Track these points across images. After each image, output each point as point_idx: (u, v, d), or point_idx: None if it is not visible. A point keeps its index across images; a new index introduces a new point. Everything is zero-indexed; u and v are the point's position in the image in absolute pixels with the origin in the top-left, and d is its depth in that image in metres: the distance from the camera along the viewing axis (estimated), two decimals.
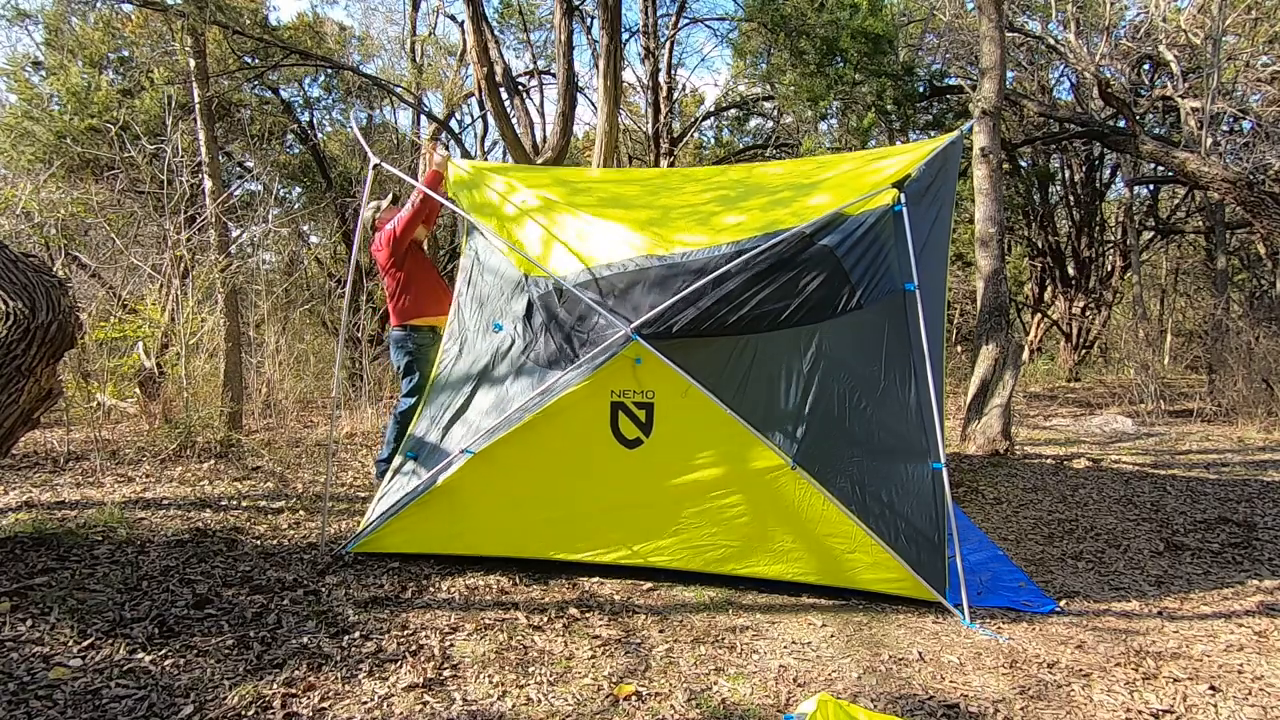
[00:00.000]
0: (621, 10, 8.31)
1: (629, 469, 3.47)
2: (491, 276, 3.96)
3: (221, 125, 11.03)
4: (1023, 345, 14.71)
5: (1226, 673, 2.85)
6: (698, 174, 4.84)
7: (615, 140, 7.55)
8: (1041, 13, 11.35)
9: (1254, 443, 7.93)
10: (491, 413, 3.66)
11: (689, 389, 3.37)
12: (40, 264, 3.64)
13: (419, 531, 3.67)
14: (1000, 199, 7.46)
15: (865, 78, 10.36)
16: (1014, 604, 3.48)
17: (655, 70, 13.25)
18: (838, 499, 3.29)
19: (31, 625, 2.77)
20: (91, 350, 6.63)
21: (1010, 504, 5.28)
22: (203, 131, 6.80)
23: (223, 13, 7.49)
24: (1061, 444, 7.87)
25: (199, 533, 3.92)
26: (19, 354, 3.29)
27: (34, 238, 6.65)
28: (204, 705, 2.37)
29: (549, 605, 3.28)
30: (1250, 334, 9.82)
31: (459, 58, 13.41)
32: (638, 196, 4.28)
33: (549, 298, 3.68)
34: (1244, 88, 10.02)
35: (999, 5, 7.43)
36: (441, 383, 3.93)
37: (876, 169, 3.81)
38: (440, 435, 3.78)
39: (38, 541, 3.63)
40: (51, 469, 5.15)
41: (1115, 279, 14.85)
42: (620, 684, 2.62)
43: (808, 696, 2.50)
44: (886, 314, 3.47)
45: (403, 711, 2.41)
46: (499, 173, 4.43)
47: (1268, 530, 4.73)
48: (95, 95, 9.95)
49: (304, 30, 12.03)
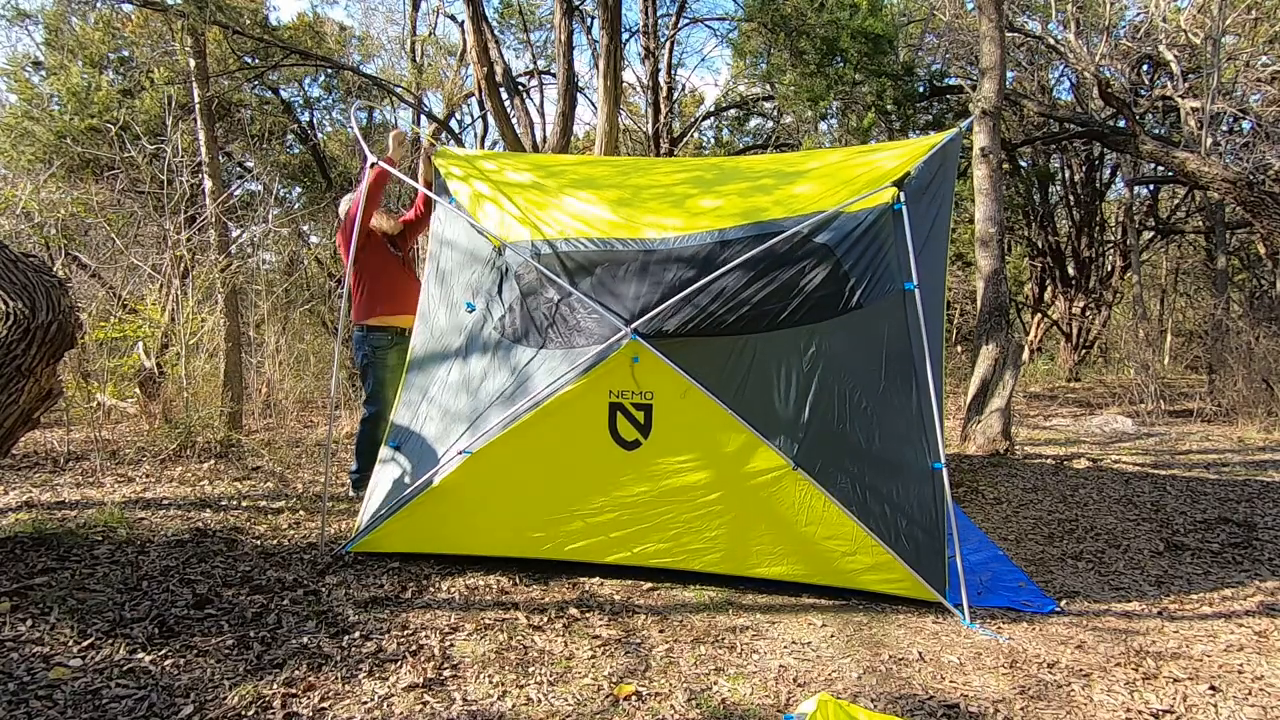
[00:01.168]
0: (621, 10, 8.31)
1: (628, 470, 3.45)
2: (459, 254, 3.97)
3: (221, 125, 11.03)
4: (1023, 345, 14.71)
5: (1226, 673, 2.84)
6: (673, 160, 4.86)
7: (615, 140, 7.55)
8: (1041, 13, 11.35)
9: (1254, 443, 7.93)
10: (462, 392, 3.65)
11: (687, 390, 3.36)
12: (40, 264, 3.64)
13: (417, 531, 3.67)
14: (1000, 199, 7.46)
15: (865, 78, 10.36)
16: (1014, 604, 3.48)
17: (655, 70, 13.24)
18: (838, 499, 3.29)
19: (31, 625, 2.77)
20: (91, 350, 6.63)
21: (1010, 504, 5.28)
22: (203, 131, 6.80)
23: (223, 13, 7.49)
24: (1061, 444, 7.87)
25: (199, 533, 3.92)
26: (19, 354, 3.29)
27: (34, 238, 6.65)
28: (204, 705, 2.37)
29: (549, 605, 3.28)
30: (1250, 334, 9.82)
31: (459, 58, 13.42)
32: (607, 176, 4.28)
33: (520, 274, 3.66)
34: (1244, 88, 10.02)
35: (999, 5, 7.43)
36: (416, 365, 3.93)
37: (866, 162, 3.81)
38: (420, 422, 3.78)
39: (38, 541, 3.63)
40: (51, 469, 5.15)
41: (1115, 279, 14.85)
42: (620, 684, 2.62)
43: (808, 696, 2.50)
44: (886, 314, 3.46)
45: (403, 711, 2.41)
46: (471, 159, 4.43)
47: (1268, 530, 4.72)
48: (95, 95, 9.95)
49: (304, 30, 12.03)
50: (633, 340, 3.36)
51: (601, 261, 3.53)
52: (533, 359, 3.57)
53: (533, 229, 3.72)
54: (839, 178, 3.72)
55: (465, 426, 3.63)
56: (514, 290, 3.68)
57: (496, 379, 3.64)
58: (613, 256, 3.53)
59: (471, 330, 3.80)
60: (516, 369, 3.59)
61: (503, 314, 3.70)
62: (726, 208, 3.68)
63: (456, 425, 3.68)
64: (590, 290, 3.51)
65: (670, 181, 4.05)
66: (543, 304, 3.60)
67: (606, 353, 3.40)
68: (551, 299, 3.59)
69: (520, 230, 3.75)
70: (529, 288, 3.64)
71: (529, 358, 3.59)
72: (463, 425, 3.65)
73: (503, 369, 3.64)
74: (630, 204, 3.78)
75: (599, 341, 3.44)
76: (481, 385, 3.68)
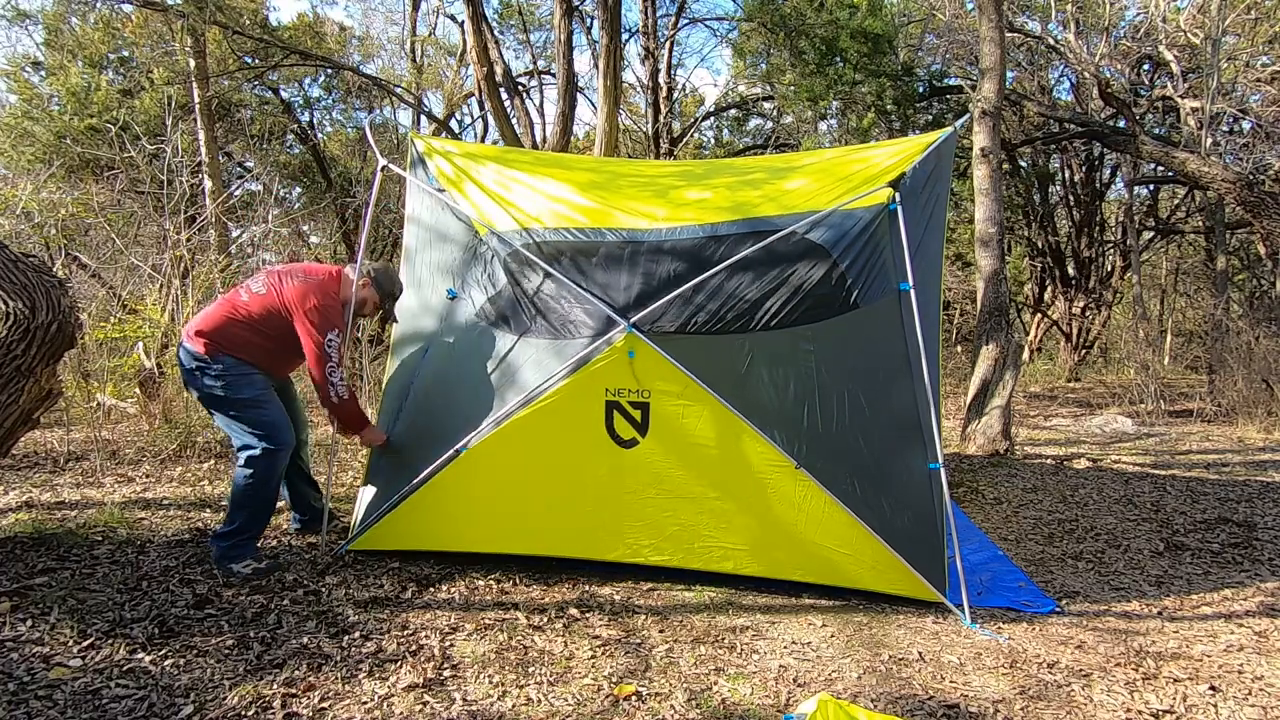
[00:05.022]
0: (621, 10, 8.31)
1: (626, 469, 3.45)
2: (424, 232, 3.96)
3: (221, 125, 11.04)
4: (1023, 345, 14.71)
5: (1226, 673, 2.85)
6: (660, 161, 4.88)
7: (615, 140, 7.55)
8: (1041, 13, 11.36)
9: (1254, 443, 7.93)
10: (448, 383, 3.64)
11: (685, 389, 3.36)
12: (40, 264, 3.64)
13: (416, 529, 3.65)
14: (1000, 199, 7.46)
15: (865, 78, 10.36)
16: (1014, 604, 3.48)
17: (655, 70, 13.25)
18: (839, 499, 3.29)
19: (31, 625, 2.77)
20: (91, 350, 6.62)
21: (1010, 504, 5.28)
22: (203, 131, 6.81)
23: (223, 13, 7.50)
24: (1061, 444, 7.87)
25: (199, 533, 3.92)
26: (19, 354, 3.29)
27: (34, 238, 6.65)
28: (204, 705, 2.37)
29: (549, 605, 3.28)
30: (1250, 334, 9.82)
31: (459, 58, 13.42)
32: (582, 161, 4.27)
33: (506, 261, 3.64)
34: (1244, 88, 10.02)
35: (999, 5, 7.43)
36: (395, 352, 3.92)
37: (861, 159, 3.81)
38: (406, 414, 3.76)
39: (38, 541, 3.63)
40: (51, 469, 5.15)
41: (1115, 279, 14.85)
42: (620, 684, 2.62)
43: (808, 696, 2.50)
44: (882, 314, 3.46)
45: (403, 711, 2.41)
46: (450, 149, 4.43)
47: (1268, 530, 4.72)
48: (95, 95, 9.96)
49: (304, 30, 12.04)
50: (629, 334, 3.35)
51: (587, 251, 3.53)
52: (519, 348, 3.55)
53: (515, 216, 3.72)
54: (833, 174, 3.73)
55: (455, 419, 3.61)
56: (499, 277, 3.66)
57: (484, 369, 3.61)
58: (598, 247, 3.53)
59: (452, 317, 3.77)
60: (502, 358, 3.57)
61: (485, 301, 3.67)
62: (715, 200, 3.68)
63: (445, 418, 3.66)
64: (578, 280, 3.51)
65: (655, 174, 4.05)
66: (529, 292, 3.58)
67: (602, 345, 3.38)
68: (539, 287, 3.57)
69: (503, 217, 3.74)
70: (515, 275, 3.62)
71: (514, 346, 3.56)
72: (452, 418, 3.63)
73: (489, 358, 3.61)
74: (611, 191, 3.77)
75: (591, 332, 3.42)
76: (468, 376, 3.65)
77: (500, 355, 3.59)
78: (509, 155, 4.53)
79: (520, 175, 3.95)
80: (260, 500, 3.44)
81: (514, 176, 3.95)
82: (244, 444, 3.42)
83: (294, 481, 3.98)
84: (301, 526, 4.05)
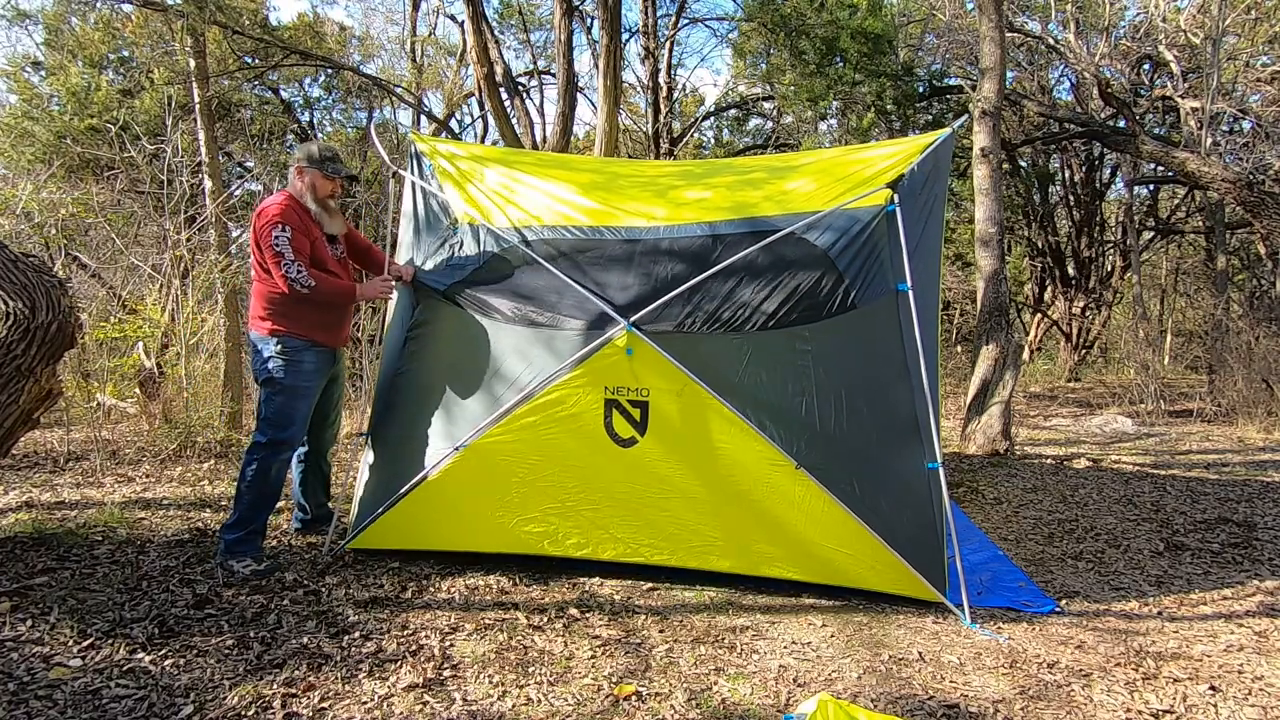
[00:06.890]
0: (621, 10, 8.31)
1: (625, 468, 3.44)
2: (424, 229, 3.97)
3: (221, 125, 11.04)
4: (1023, 345, 14.71)
5: (1226, 673, 2.85)
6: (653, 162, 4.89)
7: (615, 140, 7.55)
8: (1041, 13, 11.35)
9: (1254, 443, 7.93)
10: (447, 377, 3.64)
11: (684, 388, 3.36)
12: (40, 264, 3.64)
13: (415, 528, 3.65)
14: (1000, 199, 7.46)
15: (865, 78, 10.36)
16: (1014, 604, 3.48)
17: (655, 70, 13.25)
18: (838, 499, 3.29)
19: (31, 625, 2.77)
20: (91, 350, 6.62)
21: (1010, 504, 5.28)
22: (203, 131, 6.80)
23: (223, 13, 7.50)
24: (1061, 444, 7.87)
25: (199, 533, 3.92)
26: (19, 354, 3.29)
27: (34, 238, 6.65)
28: (204, 705, 2.37)
29: (549, 605, 3.28)
30: (1250, 334, 9.82)
31: (459, 58, 13.42)
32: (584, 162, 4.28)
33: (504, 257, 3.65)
34: (1244, 88, 10.03)
35: (999, 5, 7.43)
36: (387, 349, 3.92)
37: (860, 159, 3.81)
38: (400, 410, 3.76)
39: (38, 541, 3.63)
40: (51, 469, 5.15)
41: (1115, 279, 14.85)
42: (620, 684, 2.62)
43: (808, 696, 2.50)
44: (880, 315, 3.46)
45: (403, 711, 2.41)
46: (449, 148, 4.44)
47: (1268, 530, 4.72)
48: (95, 95, 9.96)
49: (304, 30, 12.04)
50: (628, 331, 3.34)
51: (586, 248, 3.54)
52: (520, 343, 3.54)
53: (515, 214, 3.72)
54: (833, 174, 3.73)
55: (453, 415, 3.60)
56: (497, 271, 3.66)
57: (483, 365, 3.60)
58: (597, 245, 3.53)
59: (448, 312, 3.75)
60: (503, 353, 3.56)
61: (483, 296, 3.66)
62: (715, 200, 3.68)
63: (443, 414, 3.64)
64: (577, 277, 3.51)
65: (655, 174, 4.05)
66: (529, 287, 3.58)
67: (602, 343, 3.38)
68: (536, 284, 3.57)
69: (502, 214, 3.75)
70: (514, 269, 3.62)
71: (514, 342, 3.55)
72: (449, 414, 3.62)
73: (488, 354, 3.60)
74: (612, 191, 3.78)
75: (589, 329, 3.42)
76: (467, 372, 3.64)
77: (500, 351, 3.59)
78: (512, 156, 4.54)
79: (522, 175, 3.97)
80: (257, 492, 3.50)
81: (516, 176, 3.96)
82: (257, 429, 3.54)
83: (308, 479, 4.05)
84: (302, 526, 4.06)
